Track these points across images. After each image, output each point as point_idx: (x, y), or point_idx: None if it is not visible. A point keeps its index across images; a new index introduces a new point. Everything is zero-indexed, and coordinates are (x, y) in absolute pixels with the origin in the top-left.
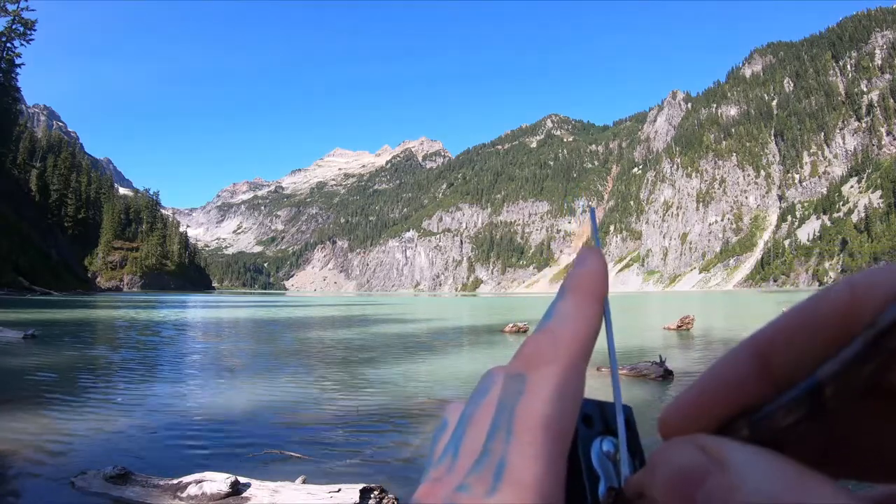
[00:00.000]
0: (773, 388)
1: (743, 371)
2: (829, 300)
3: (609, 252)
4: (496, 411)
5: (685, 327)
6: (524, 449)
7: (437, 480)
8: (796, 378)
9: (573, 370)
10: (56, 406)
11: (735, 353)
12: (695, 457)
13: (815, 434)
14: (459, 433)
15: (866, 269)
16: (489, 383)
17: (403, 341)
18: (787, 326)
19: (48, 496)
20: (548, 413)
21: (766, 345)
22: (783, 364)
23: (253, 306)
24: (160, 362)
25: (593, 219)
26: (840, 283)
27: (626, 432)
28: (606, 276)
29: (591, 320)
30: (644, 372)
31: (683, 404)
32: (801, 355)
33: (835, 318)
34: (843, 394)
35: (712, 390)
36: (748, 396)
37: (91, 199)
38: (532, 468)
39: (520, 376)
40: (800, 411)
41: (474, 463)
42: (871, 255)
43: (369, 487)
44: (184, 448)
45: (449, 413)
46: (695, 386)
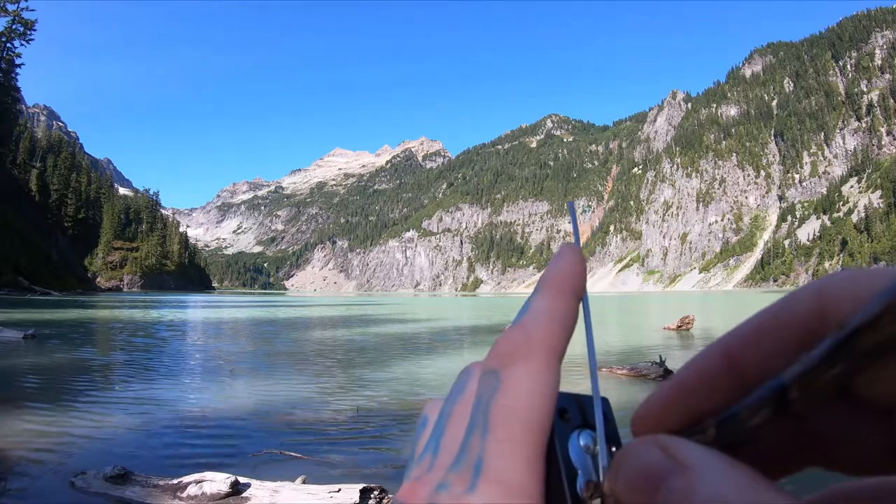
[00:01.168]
0: (742, 389)
1: (713, 372)
2: (797, 304)
3: (609, 252)
4: (473, 408)
5: (685, 327)
6: (500, 445)
7: (418, 479)
8: (765, 380)
9: (547, 366)
10: (56, 406)
11: (706, 354)
12: (657, 457)
13: (783, 430)
14: (439, 431)
15: (834, 272)
16: (466, 379)
17: (403, 341)
18: (756, 329)
19: (48, 496)
20: (522, 408)
21: (735, 346)
22: (751, 366)
23: (253, 306)
24: (160, 362)
25: (573, 214)
26: (808, 287)
27: (605, 425)
28: (583, 272)
29: (566, 316)
30: (644, 372)
31: (654, 404)
32: (768, 358)
33: (802, 321)
34: (808, 397)
35: (682, 390)
36: (717, 397)
37: (91, 199)
38: (509, 464)
39: (494, 373)
40: (765, 413)
41: (453, 461)
42: (871, 255)
43: (369, 487)
44: (184, 448)
45: (428, 410)
46: (665, 386)
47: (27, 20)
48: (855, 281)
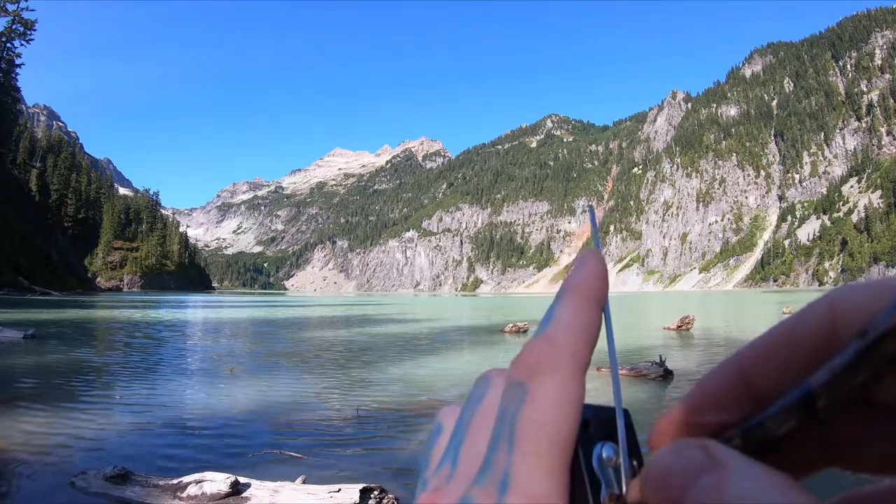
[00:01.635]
0: (755, 404)
1: (726, 387)
2: (810, 319)
3: (609, 252)
4: (497, 420)
5: (685, 327)
6: (528, 460)
7: (438, 490)
8: (776, 395)
9: (573, 378)
10: (56, 406)
11: (719, 369)
12: (699, 455)
13: (807, 436)
14: (458, 439)
15: (847, 284)
16: (486, 387)
17: (403, 341)
18: (769, 344)
19: (48, 496)
20: (550, 422)
21: (748, 362)
22: (764, 380)
23: (253, 306)
24: (160, 362)
25: (593, 219)
26: (820, 301)
27: (626, 437)
28: (607, 279)
29: (591, 326)
30: (644, 372)
31: (672, 419)
32: (781, 373)
33: (815, 337)
34: (834, 404)
35: (698, 405)
36: (731, 412)
37: (91, 199)
38: (537, 480)
39: (520, 385)
40: (792, 422)
41: (477, 474)
42: (871, 255)
43: (369, 487)
44: (184, 448)
45: (443, 417)
46: (682, 401)
47: (27, 20)
48: (867, 293)
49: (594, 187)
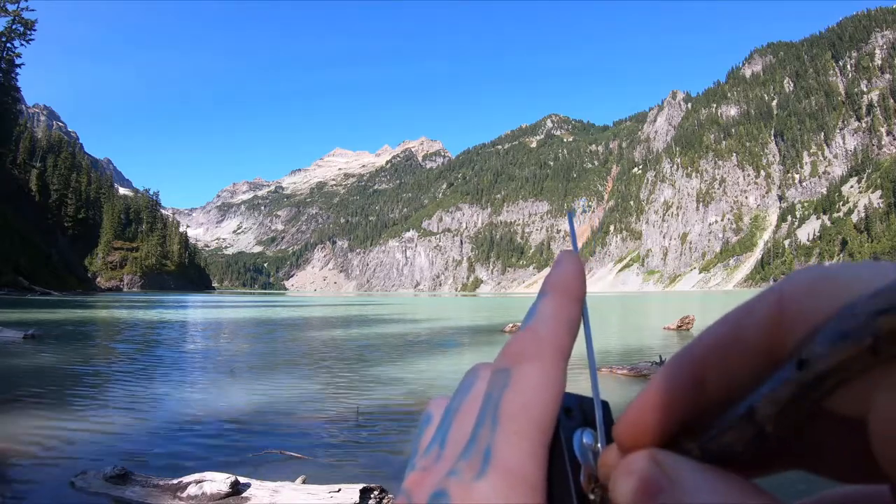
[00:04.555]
0: (711, 404)
1: (680, 389)
2: (756, 320)
3: (609, 252)
4: (482, 403)
5: (685, 327)
6: (509, 437)
7: (426, 469)
8: (731, 396)
9: (554, 365)
10: (56, 406)
11: (671, 371)
12: (653, 471)
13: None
14: (446, 425)
15: (799, 272)
16: (473, 378)
17: (403, 341)
18: (716, 345)
19: (48, 496)
20: (531, 404)
21: (699, 364)
22: (713, 382)
23: (253, 306)
24: (160, 362)
25: (571, 223)
26: (769, 297)
27: (605, 426)
28: (583, 278)
29: (571, 320)
30: (644, 372)
31: (629, 421)
32: (733, 374)
33: (762, 340)
34: (782, 427)
35: (652, 408)
36: (686, 413)
37: (91, 199)
38: (517, 454)
39: (505, 371)
40: (745, 435)
41: (462, 450)
42: (871, 255)
43: (369, 487)
44: (184, 448)
45: (433, 407)
46: (637, 402)
47: (27, 20)
48: (815, 289)
49: (594, 187)
